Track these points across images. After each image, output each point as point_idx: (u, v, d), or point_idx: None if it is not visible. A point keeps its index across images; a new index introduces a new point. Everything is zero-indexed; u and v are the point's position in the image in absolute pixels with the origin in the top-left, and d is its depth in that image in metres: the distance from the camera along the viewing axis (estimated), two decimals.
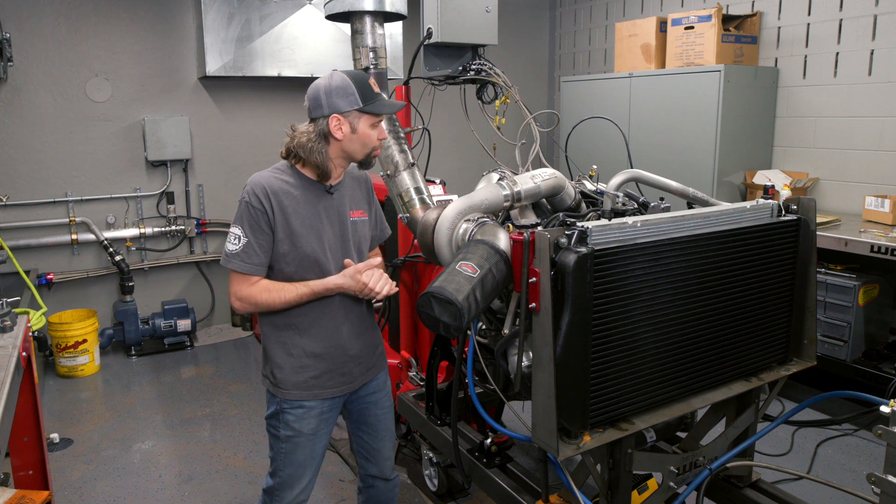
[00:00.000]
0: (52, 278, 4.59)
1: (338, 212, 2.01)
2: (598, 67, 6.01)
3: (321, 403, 2.04)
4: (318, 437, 2.07)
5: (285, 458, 2.05)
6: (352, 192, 2.07)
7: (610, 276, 1.72)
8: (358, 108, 1.88)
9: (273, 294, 1.90)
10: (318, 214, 1.96)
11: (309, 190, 1.96)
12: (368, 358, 2.14)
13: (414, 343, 3.52)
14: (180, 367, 4.60)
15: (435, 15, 2.84)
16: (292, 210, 1.91)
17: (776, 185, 4.10)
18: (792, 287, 2.14)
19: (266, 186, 1.89)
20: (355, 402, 2.18)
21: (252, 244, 1.88)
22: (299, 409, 2.01)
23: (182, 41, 4.95)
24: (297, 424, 2.02)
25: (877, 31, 3.95)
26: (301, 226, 1.92)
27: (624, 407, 1.84)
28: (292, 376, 2.00)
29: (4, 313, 2.28)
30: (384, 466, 2.26)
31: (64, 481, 3.15)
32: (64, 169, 4.68)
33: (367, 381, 2.15)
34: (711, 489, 2.33)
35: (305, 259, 1.92)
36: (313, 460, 2.08)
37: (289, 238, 1.91)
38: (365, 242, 2.10)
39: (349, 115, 1.89)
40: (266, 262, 1.92)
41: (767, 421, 2.64)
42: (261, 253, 1.90)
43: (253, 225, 1.89)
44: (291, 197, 1.92)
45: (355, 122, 1.90)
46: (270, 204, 1.88)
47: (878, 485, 1.63)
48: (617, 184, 2.25)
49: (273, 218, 1.89)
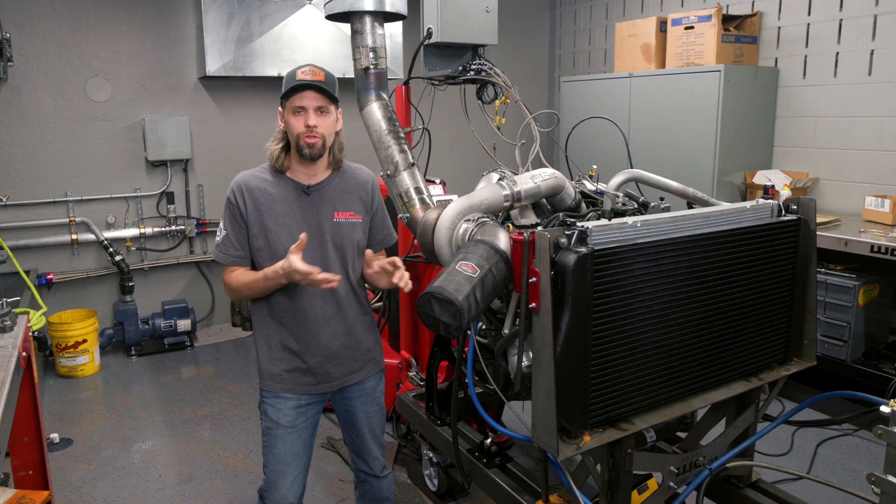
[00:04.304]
0: (52, 278, 4.59)
1: (316, 212, 2.02)
2: (598, 67, 6.01)
3: (298, 398, 2.07)
4: (297, 431, 2.08)
5: (267, 452, 2.10)
6: (342, 193, 2.07)
7: (610, 276, 1.72)
8: (281, 97, 1.97)
9: (241, 282, 2.01)
10: (293, 213, 2.00)
11: (286, 189, 2.02)
12: (353, 361, 2.12)
13: (414, 343, 3.52)
14: (180, 367, 4.60)
15: (435, 15, 2.84)
16: (267, 207, 2.00)
17: (776, 185, 4.10)
18: (792, 287, 2.14)
19: (243, 184, 2.01)
20: (340, 402, 2.19)
21: (230, 237, 2.02)
22: (275, 399, 2.07)
23: (182, 41, 4.95)
24: (275, 415, 2.07)
25: (877, 31, 3.95)
26: (275, 223, 1.99)
27: (624, 407, 1.84)
28: (269, 367, 2.07)
29: (4, 313, 2.28)
30: (373, 465, 2.28)
31: (64, 481, 3.15)
32: (64, 169, 4.68)
33: (351, 384, 2.15)
34: (711, 489, 2.33)
35: (278, 255, 1.95)
36: (295, 457, 2.09)
37: (263, 234, 2.00)
38: (352, 244, 2.07)
39: (282, 105, 1.99)
40: (244, 255, 2.03)
41: (767, 421, 2.64)
42: (238, 245, 2.02)
43: (231, 219, 2.02)
44: (267, 195, 2.00)
45: (285, 111, 1.98)
46: (244, 200, 1.99)
47: (878, 485, 1.63)
48: (617, 184, 2.25)
49: (246, 213, 2.00)
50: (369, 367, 2.19)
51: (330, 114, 1.98)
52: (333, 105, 1.98)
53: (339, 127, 2.05)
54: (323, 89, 1.93)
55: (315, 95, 1.93)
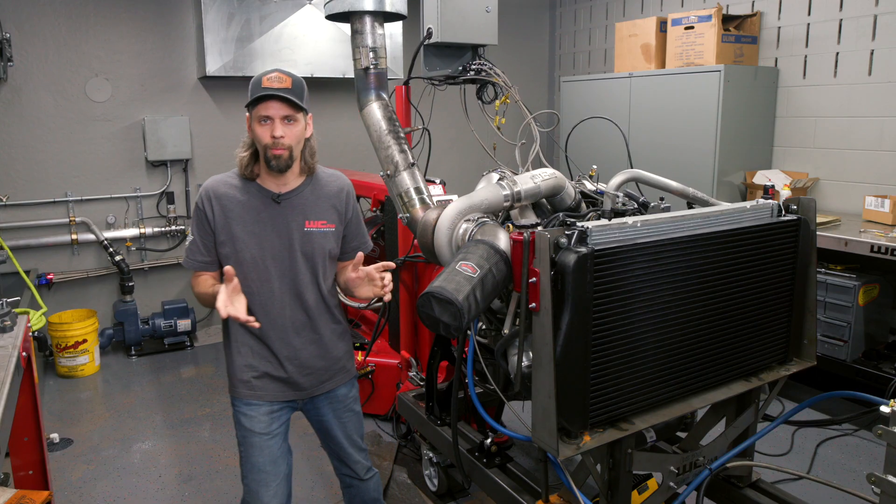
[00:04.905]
0: (52, 278, 4.59)
1: (287, 221, 1.97)
2: (598, 67, 6.01)
3: (269, 404, 2.04)
4: (272, 437, 2.04)
5: (244, 463, 2.05)
6: (314, 201, 2.01)
7: (610, 276, 1.72)
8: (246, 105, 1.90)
9: (201, 289, 1.99)
10: (261, 221, 1.96)
11: (255, 197, 1.97)
12: (323, 371, 2.08)
13: (414, 343, 3.52)
14: (180, 367, 4.60)
15: (435, 15, 2.84)
16: (235, 215, 1.96)
17: (776, 185, 4.10)
18: (792, 287, 2.14)
19: (211, 190, 1.98)
20: (312, 412, 2.15)
21: (197, 242, 2.00)
22: (247, 406, 2.04)
23: (182, 41, 4.95)
24: (248, 423, 2.03)
25: (877, 31, 3.95)
26: (242, 231, 1.95)
27: (624, 407, 1.84)
28: (239, 374, 2.04)
29: (4, 313, 2.28)
30: (356, 468, 2.23)
31: (64, 481, 3.15)
32: (64, 169, 4.68)
33: (321, 393, 2.11)
34: (711, 489, 2.34)
35: (244, 263, 1.94)
36: (274, 465, 2.04)
37: (230, 241, 1.96)
38: (323, 253, 2.02)
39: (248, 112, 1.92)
40: (211, 261, 2.00)
41: (767, 421, 2.64)
42: (204, 251, 1.99)
43: (199, 225, 1.99)
44: (236, 202, 1.96)
45: (250, 119, 1.91)
46: (212, 207, 1.96)
47: (878, 485, 1.63)
48: (617, 184, 2.25)
49: (214, 220, 1.96)
50: (339, 376, 2.14)
51: (297, 122, 1.89)
52: (301, 113, 1.89)
53: (308, 133, 1.97)
54: (288, 99, 1.84)
55: (281, 105, 1.84)
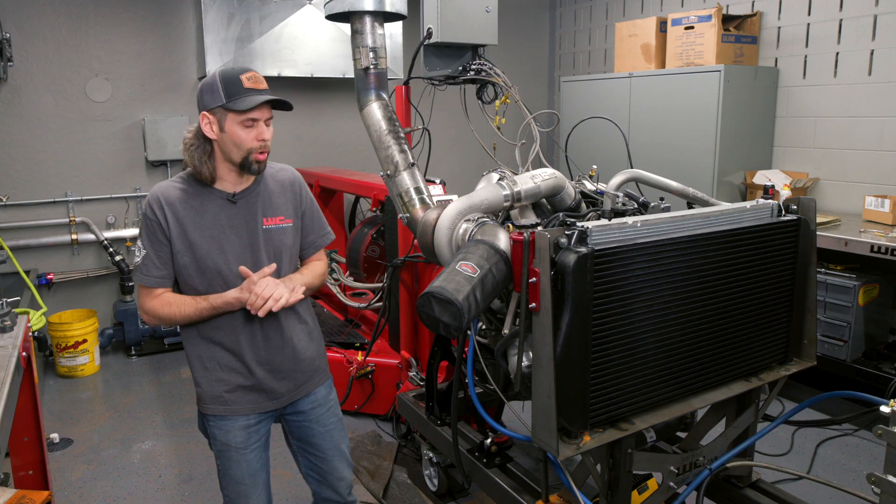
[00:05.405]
0: (52, 278, 4.59)
1: (245, 221, 1.89)
2: (598, 67, 6.01)
3: (246, 418, 1.95)
4: (251, 450, 1.96)
5: (223, 476, 1.98)
6: (268, 198, 1.94)
7: (610, 276, 1.72)
8: (221, 105, 1.77)
9: (174, 308, 1.84)
10: (219, 224, 1.86)
11: (209, 199, 1.86)
12: (297, 373, 2.00)
13: (414, 343, 3.52)
14: (180, 367, 4.60)
15: (435, 15, 2.84)
16: (190, 220, 1.83)
17: (776, 185, 4.10)
18: (792, 287, 2.14)
19: (161, 197, 1.83)
20: (292, 421, 2.06)
21: (151, 256, 1.84)
22: (221, 421, 1.94)
23: (182, 41, 4.95)
24: (224, 438, 1.94)
25: (877, 31, 3.95)
26: (201, 237, 1.84)
27: (624, 407, 1.84)
28: (209, 389, 1.92)
29: (4, 313, 2.28)
30: (339, 487, 2.11)
31: (64, 481, 3.15)
32: (64, 169, 4.68)
33: (300, 398, 2.03)
34: (711, 489, 2.34)
35: (207, 271, 1.84)
36: (253, 477, 1.96)
37: (188, 250, 1.84)
38: (287, 250, 1.96)
39: (216, 112, 1.79)
40: (168, 275, 1.87)
41: (767, 421, 2.64)
42: (160, 265, 1.85)
43: (151, 237, 1.84)
44: (190, 207, 1.84)
45: (222, 120, 1.79)
46: (165, 215, 1.82)
47: (878, 485, 1.63)
48: (617, 184, 2.25)
49: (169, 229, 1.83)
50: (317, 377, 2.07)
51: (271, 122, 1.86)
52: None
53: None
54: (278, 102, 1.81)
55: (266, 107, 1.81)
